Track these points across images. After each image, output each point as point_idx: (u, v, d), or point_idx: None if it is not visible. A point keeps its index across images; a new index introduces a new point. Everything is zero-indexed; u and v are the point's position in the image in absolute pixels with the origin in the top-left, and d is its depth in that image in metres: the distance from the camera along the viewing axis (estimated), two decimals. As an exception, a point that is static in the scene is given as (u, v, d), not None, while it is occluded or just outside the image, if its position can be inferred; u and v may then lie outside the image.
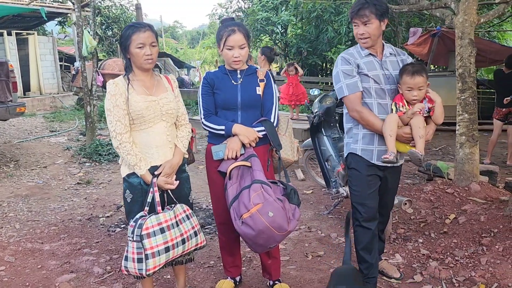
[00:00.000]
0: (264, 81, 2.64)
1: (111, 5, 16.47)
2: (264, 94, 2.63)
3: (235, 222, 2.36)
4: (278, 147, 2.62)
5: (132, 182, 2.39)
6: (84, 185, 5.44)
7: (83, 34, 6.89)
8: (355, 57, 2.60)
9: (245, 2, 14.57)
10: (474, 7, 4.17)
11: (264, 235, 2.28)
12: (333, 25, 10.96)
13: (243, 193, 2.36)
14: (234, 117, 2.59)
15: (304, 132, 6.16)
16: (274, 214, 2.29)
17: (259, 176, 2.40)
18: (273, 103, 2.65)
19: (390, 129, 2.47)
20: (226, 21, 2.62)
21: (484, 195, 4.11)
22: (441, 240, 3.43)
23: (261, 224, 2.26)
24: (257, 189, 2.34)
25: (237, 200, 2.38)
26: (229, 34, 2.48)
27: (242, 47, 2.51)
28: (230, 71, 2.62)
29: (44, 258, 3.39)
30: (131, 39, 2.30)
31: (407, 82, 2.49)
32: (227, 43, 2.49)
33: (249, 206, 2.29)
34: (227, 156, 2.51)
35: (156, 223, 2.28)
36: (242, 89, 2.59)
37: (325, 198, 4.73)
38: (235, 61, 2.53)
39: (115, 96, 2.31)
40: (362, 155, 2.61)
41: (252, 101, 2.60)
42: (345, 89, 2.56)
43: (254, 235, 2.29)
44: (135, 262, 2.27)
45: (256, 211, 2.28)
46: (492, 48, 8.42)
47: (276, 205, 2.32)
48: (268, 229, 2.27)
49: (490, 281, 2.82)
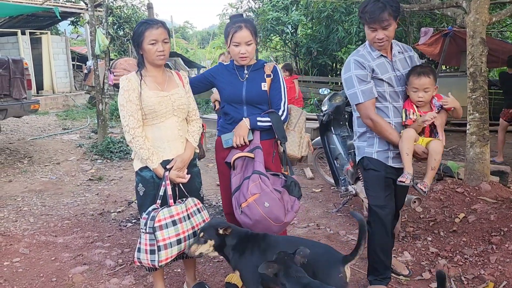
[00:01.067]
0: (271, 76, 2.66)
1: (123, 5, 16.62)
2: (271, 89, 2.65)
3: (235, 211, 2.44)
4: (283, 139, 2.64)
5: (145, 175, 2.44)
6: (96, 181, 5.52)
7: (96, 33, 7.00)
8: (367, 59, 2.52)
9: (255, 2, 14.60)
10: (486, 6, 4.15)
11: (260, 225, 2.34)
12: (343, 25, 10.94)
13: (244, 183, 2.43)
14: (240, 111, 2.64)
15: (313, 130, 6.17)
16: (270, 204, 2.33)
17: (258, 167, 2.45)
18: (281, 98, 2.66)
19: (407, 147, 2.40)
20: (235, 17, 2.67)
21: (495, 194, 4.09)
22: (450, 239, 3.43)
23: (257, 214, 2.32)
24: (255, 180, 2.39)
25: (239, 190, 2.45)
26: (235, 31, 2.52)
27: (249, 43, 2.55)
28: (238, 67, 2.67)
29: (58, 251, 3.46)
30: (144, 36, 2.35)
31: (412, 83, 2.46)
32: (234, 40, 2.53)
33: (247, 196, 2.35)
34: (235, 143, 2.58)
35: (168, 215, 2.32)
36: (247, 85, 2.63)
37: (334, 196, 4.75)
38: (241, 57, 2.57)
39: (128, 91, 2.36)
40: (377, 157, 2.58)
41: (257, 97, 2.62)
42: (360, 95, 2.49)
43: (251, 225, 2.36)
44: (147, 253, 2.32)
45: (253, 201, 2.33)
46: (505, 48, 8.33)
47: (272, 196, 2.36)
48: (265, 219, 2.32)
49: (499, 279, 2.82)
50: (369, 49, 2.56)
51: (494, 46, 7.74)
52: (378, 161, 2.58)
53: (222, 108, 2.74)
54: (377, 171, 2.59)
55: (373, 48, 2.54)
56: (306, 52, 12.90)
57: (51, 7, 11.00)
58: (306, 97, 12.14)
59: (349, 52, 10.13)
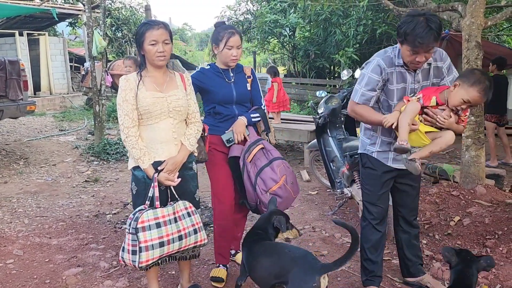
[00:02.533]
0: (251, 77, 3.01)
1: (121, 7, 16.62)
2: (252, 88, 3.00)
3: (262, 196, 2.74)
4: (269, 130, 3.04)
5: (137, 175, 2.46)
6: (92, 183, 5.51)
7: (93, 34, 6.99)
8: (388, 65, 2.42)
9: (253, 4, 14.62)
10: (481, 10, 4.17)
11: (287, 200, 2.78)
12: (341, 28, 10.96)
13: (265, 170, 2.76)
14: (232, 110, 2.90)
15: (309, 133, 6.17)
16: (293, 182, 2.81)
17: (276, 154, 2.86)
18: (261, 95, 3.07)
19: (410, 118, 2.27)
20: (221, 24, 2.94)
21: (490, 198, 4.10)
22: (445, 242, 3.43)
23: (287, 192, 2.75)
24: (279, 164, 2.80)
25: (259, 177, 2.76)
26: (230, 36, 2.78)
27: (239, 47, 2.84)
28: (224, 70, 2.90)
29: (52, 252, 3.45)
30: (145, 36, 2.36)
31: (468, 95, 2.23)
32: (228, 43, 2.78)
33: (278, 179, 2.73)
34: (237, 139, 2.83)
35: (153, 217, 2.32)
36: (236, 86, 2.91)
37: (329, 199, 4.75)
38: (233, 59, 2.84)
39: (125, 91, 2.38)
40: (377, 157, 2.61)
41: (244, 96, 2.95)
42: (359, 95, 2.50)
43: (280, 202, 2.70)
44: (130, 253, 2.32)
45: (283, 182, 2.74)
46: (501, 52, 8.36)
47: (294, 175, 2.87)
48: (290, 195, 2.78)
49: (493, 282, 2.83)
50: (397, 55, 2.43)
51: (490, 50, 7.77)
52: (377, 161, 2.61)
53: (212, 108, 2.91)
54: (374, 169, 2.63)
55: (400, 56, 2.42)
56: (304, 54, 12.92)
57: (49, 8, 11.00)
58: (303, 99, 12.16)
59: (347, 55, 10.16)
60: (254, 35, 13.63)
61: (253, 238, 2.49)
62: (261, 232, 2.48)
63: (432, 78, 2.50)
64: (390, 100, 2.50)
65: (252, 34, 13.78)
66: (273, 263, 2.25)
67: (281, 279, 2.16)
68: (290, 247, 2.34)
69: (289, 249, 2.31)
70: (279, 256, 2.25)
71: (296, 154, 7.13)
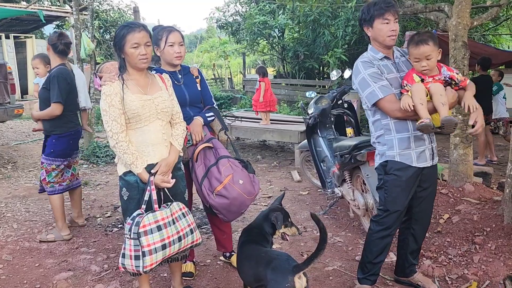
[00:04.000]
0: (199, 77, 2.99)
1: (109, 9, 16.51)
2: (202, 88, 2.98)
3: (208, 197, 2.63)
4: (225, 128, 3.03)
5: (129, 180, 2.43)
6: (82, 186, 5.45)
7: (81, 36, 6.94)
8: (372, 60, 2.52)
9: (242, 6, 14.64)
10: (467, 10, 4.23)
11: (236, 201, 2.63)
12: (329, 29, 11.02)
13: (212, 170, 2.69)
14: (186, 113, 2.81)
15: (300, 134, 6.20)
16: (244, 181, 2.67)
17: (223, 153, 2.78)
18: (210, 94, 3.05)
19: (419, 98, 2.32)
20: (158, 26, 2.89)
21: (478, 195, 4.15)
22: (435, 239, 3.47)
23: (235, 192, 2.61)
24: (225, 163, 2.70)
25: (206, 178, 2.69)
26: (169, 33, 2.75)
27: (181, 44, 2.78)
28: (171, 72, 2.82)
29: (42, 257, 3.42)
30: (126, 39, 2.33)
31: (412, 53, 2.41)
32: (169, 40, 2.74)
33: (222, 179, 2.63)
34: (195, 140, 2.80)
35: (153, 221, 2.31)
36: (186, 88, 2.89)
37: (320, 199, 4.78)
38: (177, 56, 2.77)
39: (110, 96, 2.34)
40: (401, 160, 2.51)
41: (196, 97, 2.93)
42: (378, 92, 2.42)
43: (228, 204, 2.62)
44: (132, 259, 2.30)
45: (228, 181, 2.62)
46: (487, 52, 8.48)
47: (243, 173, 2.72)
48: (241, 195, 2.63)
49: (482, 278, 2.86)
50: (372, 53, 2.57)
51: (476, 50, 7.88)
52: (402, 164, 2.52)
53: None
54: (400, 176, 2.53)
55: (376, 51, 2.55)
56: (293, 55, 12.96)
57: (36, 10, 10.88)
58: (293, 100, 12.20)
59: (336, 55, 10.22)
60: (243, 36, 13.64)
61: (244, 238, 2.52)
62: (255, 231, 2.50)
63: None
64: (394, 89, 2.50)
65: (241, 36, 13.79)
66: (251, 267, 2.30)
67: (261, 282, 2.19)
68: (267, 251, 2.36)
69: (265, 252, 2.33)
70: (257, 260, 2.28)
71: (286, 155, 7.15)
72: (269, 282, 2.11)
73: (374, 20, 2.48)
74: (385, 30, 2.46)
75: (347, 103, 4.72)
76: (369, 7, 2.50)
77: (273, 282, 2.09)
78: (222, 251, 3.27)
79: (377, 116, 2.56)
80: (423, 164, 2.55)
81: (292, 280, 2.06)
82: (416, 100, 2.33)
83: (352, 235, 3.81)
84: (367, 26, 2.55)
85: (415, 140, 2.51)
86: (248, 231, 2.54)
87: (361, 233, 3.81)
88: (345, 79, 4.78)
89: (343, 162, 3.91)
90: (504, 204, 3.47)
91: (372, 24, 2.51)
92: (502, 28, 12.61)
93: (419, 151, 2.53)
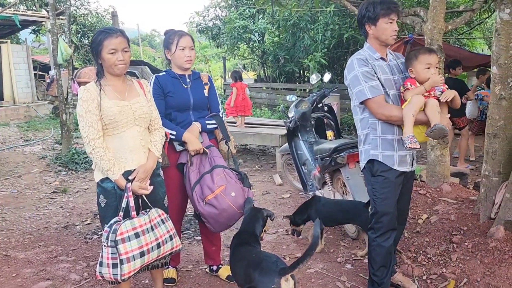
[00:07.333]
0: (208, 84, 2.98)
1: (86, 13, 16.30)
2: (210, 95, 2.97)
3: (198, 204, 2.60)
4: (227, 138, 2.94)
5: (106, 187, 2.39)
6: (60, 194, 5.36)
7: (58, 41, 6.83)
8: (368, 59, 2.53)
9: (222, 10, 14.66)
10: (442, 15, 4.33)
11: (225, 213, 2.60)
12: (309, 33, 11.13)
13: (205, 178, 2.65)
14: (187, 116, 2.85)
15: (281, 137, 6.23)
16: (236, 194, 2.63)
17: (219, 162, 2.74)
18: (218, 102, 3.01)
19: (414, 110, 2.35)
20: (170, 30, 2.88)
21: (455, 195, 4.25)
22: (414, 239, 3.53)
23: (225, 203, 2.58)
24: (220, 173, 2.67)
25: (199, 185, 2.66)
26: (180, 37, 2.77)
27: (192, 48, 2.82)
28: (180, 75, 2.87)
29: (19, 266, 3.33)
30: (103, 45, 2.30)
31: (425, 60, 2.44)
32: (180, 44, 2.76)
33: (214, 188, 2.60)
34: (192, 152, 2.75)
35: (131, 228, 2.28)
36: (192, 92, 2.87)
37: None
38: (187, 60, 2.80)
39: (87, 101, 2.30)
40: (383, 161, 2.53)
41: (202, 102, 2.91)
42: (367, 91, 2.45)
43: (217, 214, 2.58)
44: (110, 267, 2.26)
45: (220, 192, 2.60)
46: (462, 55, 8.70)
47: (237, 186, 2.68)
48: (230, 208, 2.60)
49: (460, 277, 2.92)
50: (370, 52, 2.57)
51: (452, 53, 8.08)
52: (385, 165, 2.54)
53: (168, 115, 2.84)
54: (386, 175, 2.55)
55: (374, 50, 2.56)
56: (274, 59, 13.03)
57: (11, 15, 10.66)
58: (274, 104, 12.26)
59: (315, 59, 10.32)
60: (223, 40, 13.66)
61: (235, 242, 2.53)
62: (245, 235, 2.52)
63: (404, 72, 2.64)
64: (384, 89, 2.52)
65: (221, 40, 13.80)
66: (243, 268, 2.31)
67: (251, 283, 2.20)
68: (257, 252, 2.38)
69: (256, 253, 2.34)
70: (248, 261, 2.29)
71: (268, 158, 7.17)
72: (257, 283, 2.13)
73: (379, 19, 2.48)
74: (389, 30, 2.50)
75: (327, 106, 4.77)
76: (374, 5, 2.48)
77: (260, 283, 2.11)
78: (210, 263, 3.16)
79: (365, 114, 2.58)
80: (403, 168, 2.58)
81: (279, 282, 2.07)
82: (411, 111, 2.37)
83: (333, 237, 3.84)
84: (369, 24, 2.53)
85: (399, 144, 2.52)
86: (240, 234, 2.56)
87: (342, 235, 3.85)
88: (325, 82, 4.83)
89: (323, 165, 3.95)
90: (480, 204, 3.55)
91: (376, 22, 2.50)
92: (476, 32, 12.95)
93: (401, 155, 2.55)
